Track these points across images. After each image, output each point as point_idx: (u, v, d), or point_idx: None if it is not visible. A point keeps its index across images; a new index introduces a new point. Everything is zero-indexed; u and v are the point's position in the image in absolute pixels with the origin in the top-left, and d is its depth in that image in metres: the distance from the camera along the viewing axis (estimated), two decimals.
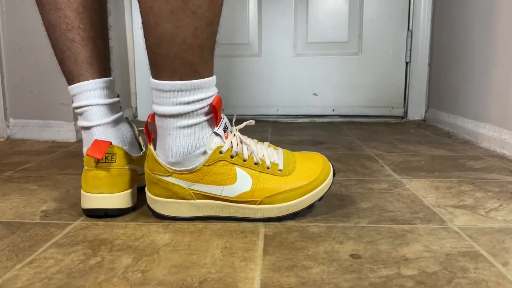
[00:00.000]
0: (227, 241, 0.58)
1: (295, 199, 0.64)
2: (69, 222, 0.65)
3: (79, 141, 1.29)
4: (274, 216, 0.64)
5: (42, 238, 0.59)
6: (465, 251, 0.55)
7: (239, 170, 0.63)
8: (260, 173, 0.64)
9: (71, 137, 1.29)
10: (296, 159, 0.67)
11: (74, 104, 0.69)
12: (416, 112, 1.73)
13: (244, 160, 0.64)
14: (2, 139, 1.32)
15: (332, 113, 1.78)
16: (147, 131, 0.63)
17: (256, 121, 1.74)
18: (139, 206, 0.71)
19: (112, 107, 0.70)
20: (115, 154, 0.66)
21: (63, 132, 1.30)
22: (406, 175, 0.90)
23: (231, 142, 0.63)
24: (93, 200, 0.65)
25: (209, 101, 0.60)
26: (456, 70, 1.44)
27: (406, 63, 1.73)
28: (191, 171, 0.62)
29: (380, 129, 1.53)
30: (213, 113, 0.61)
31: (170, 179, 0.63)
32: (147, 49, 0.58)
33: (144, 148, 0.76)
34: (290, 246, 0.56)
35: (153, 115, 0.63)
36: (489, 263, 0.52)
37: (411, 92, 1.72)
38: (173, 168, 0.62)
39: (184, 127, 0.60)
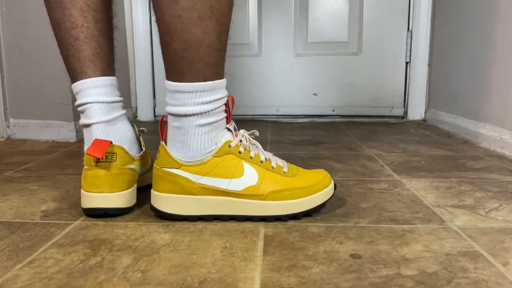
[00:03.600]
0: (227, 241, 0.58)
1: (300, 198, 0.65)
2: (69, 222, 0.65)
3: (79, 141, 1.29)
4: (279, 214, 0.64)
5: (42, 238, 0.59)
6: (465, 251, 0.55)
7: (246, 165, 0.65)
8: (266, 170, 0.66)
9: (71, 137, 1.29)
10: (299, 169, 0.69)
11: (76, 102, 0.69)
12: (416, 112, 1.73)
13: (251, 157, 0.65)
14: (2, 139, 1.32)
15: (332, 113, 1.78)
16: (161, 129, 0.66)
17: (256, 121, 1.74)
18: (139, 206, 0.71)
19: (114, 106, 0.70)
20: (116, 153, 0.66)
21: (63, 132, 1.30)
22: (406, 175, 0.90)
23: (240, 140, 0.66)
24: (93, 199, 0.65)
25: (224, 100, 0.65)
26: (456, 70, 1.44)
27: (406, 63, 1.73)
28: (200, 163, 0.64)
29: (380, 129, 1.53)
30: (227, 111, 0.66)
31: (178, 172, 0.64)
32: (169, 54, 0.62)
33: (144, 148, 0.76)
34: (290, 246, 0.56)
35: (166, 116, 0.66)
36: (489, 263, 0.52)
37: (411, 92, 1.72)
38: (183, 160, 0.64)
39: (203, 125, 0.63)
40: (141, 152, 0.73)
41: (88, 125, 0.68)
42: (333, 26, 1.74)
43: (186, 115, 0.63)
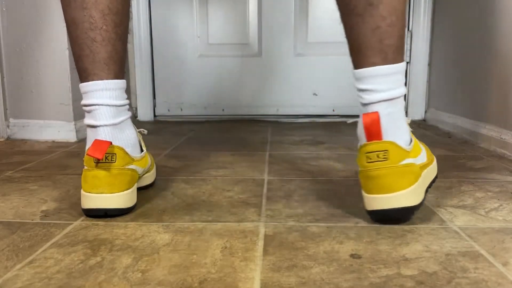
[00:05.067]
0: (227, 241, 0.58)
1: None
2: (69, 222, 0.65)
3: (79, 141, 1.29)
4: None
5: (42, 238, 0.59)
6: (465, 251, 0.55)
7: (420, 144, 0.69)
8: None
9: (71, 137, 1.29)
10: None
11: (84, 102, 0.69)
12: (416, 112, 1.73)
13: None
14: (2, 139, 1.32)
15: (332, 113, 1.78)
16: (379, 126, 0.61)
17: (256, 121, 1.74)
18: (139, 206, 0.71)
19: (121, 109, 0.70)
20: (115, 154, 0.66)
21: (63, 132, 1.30)
22: None
23: None
24: (93, 200, 0.65)
25: None
26: (456, 70, 1.44)
27: (406, 63, 1.73)
28: (413, 146, 0.65)
29: None
30: None
31: (412, 160, 0.63)
32: (396, 34, 0.62)
33: (144, 149, 0.76)
34: (290, 246, 0.56)
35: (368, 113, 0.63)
36: (489, 263, 0.52)
37: (411, 92, 1.72)
38: (407, 147, 0.63)
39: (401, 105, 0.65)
40: (142, 153, 0.73)
41: (93, 126, 0.68)
42: (333, 26, 1.73)
43: (399, 97, 0.63)
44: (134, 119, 1.78)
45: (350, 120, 0.81)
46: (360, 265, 0.51)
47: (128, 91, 1.75)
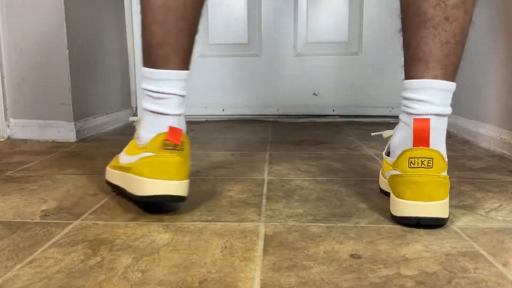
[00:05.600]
0: (227, 241, 0.58)
1: None
2: (69, 222, 0.65)
3: (79, 141, 1.29)
4: None
5: (42, 238, 0.59)
6: (465, 251, 0.55)
7: None
8: None
9: (71, 137, 1.29)
10: None
11: (155, 88, 0.68)
12: None
13: None
14: (2, 139, 1.32)
15: (332, 113, 1.78)
16: (428, 133, 0.63)
17: (256, 121, 1.74)
18: (139, 205, 0.71)
19: (184, 100, 0.71)
20: (184, 142, 0.67)
21: (63, 132, 1.30)
22: None
23: None
24: (159, 186, 0.65)
25: None
26: None
27: None
28: None
29: (380, 129, 1.53)
30: None
31: (446, 174, 0.64)
32: (460, 51, 0.63)
33: None
34: (290, 246, 0.56)
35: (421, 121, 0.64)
36: (489, 263, 0.52)
37: None
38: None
39: None
40: None
41: (161, 114, 0.68)
42: (333, 26, 1.74)
43: (447, 115, 0.65)
44: None
45: (373, 133, 0.82)
46: (360, 265, 0.51)
47: (128, 91, 1.75)
